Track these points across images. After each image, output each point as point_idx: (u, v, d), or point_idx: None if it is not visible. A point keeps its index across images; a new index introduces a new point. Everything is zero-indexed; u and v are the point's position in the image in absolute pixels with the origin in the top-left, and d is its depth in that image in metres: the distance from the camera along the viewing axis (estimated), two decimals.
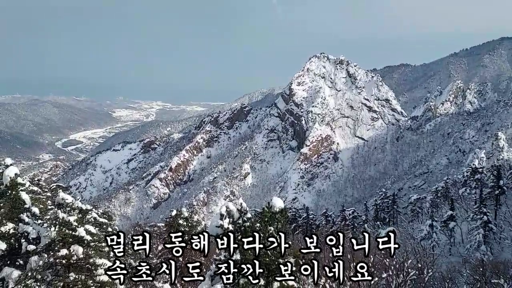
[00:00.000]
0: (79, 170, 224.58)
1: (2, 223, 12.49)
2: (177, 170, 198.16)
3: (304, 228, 49.26)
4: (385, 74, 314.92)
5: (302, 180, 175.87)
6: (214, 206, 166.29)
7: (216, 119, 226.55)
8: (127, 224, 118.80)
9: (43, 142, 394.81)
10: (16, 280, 11.28)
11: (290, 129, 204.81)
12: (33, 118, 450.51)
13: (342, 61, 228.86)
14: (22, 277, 11.22)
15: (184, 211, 26.27)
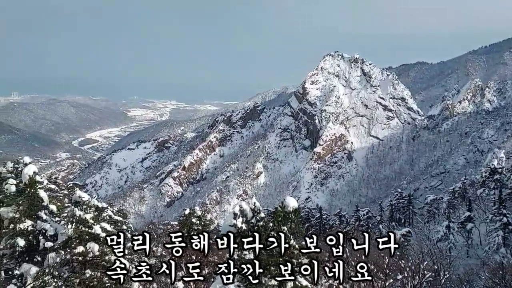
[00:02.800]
0: (95, 168, 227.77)
1: (21, 220, 12.75)
2: (190, 169, 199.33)
3: (317, 228, 49.02)
4: (401, 72, 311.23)
5: (316, 179, 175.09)
6: (226, 205, 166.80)
7: (229, 118, 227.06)
8: (141, 222, 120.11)
9: (60, 141, 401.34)
10: (34, 276, 11.51)
11: (303, 128, 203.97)
12: (50, 118, 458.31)
13: (357, 60, 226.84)
14: (40, 273, 11.43)
15: (197, 210, 26.40)
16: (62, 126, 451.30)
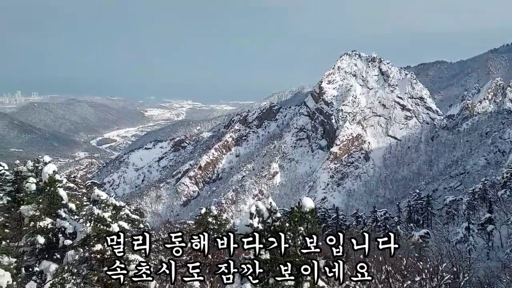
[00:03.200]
0: (113, 167, 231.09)
1: (41, 218, 12.98)
2: (206, 168, 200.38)
3: (333, 228, 48.66)
4: (420, 72, 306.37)
5: (332, 179, 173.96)
6: (242, 204, 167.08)
7: (245, 118, 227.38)
8: (157, 221, 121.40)
9: (79, 140, 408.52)
10: (54, 273, 11.70)
11: (319, 128, 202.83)
12: (70, 117, 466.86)
13: (374, 59, 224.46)
14: (59, 270, 11.62)
15: (213, 209, 26.52)
16: (80, 125, 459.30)
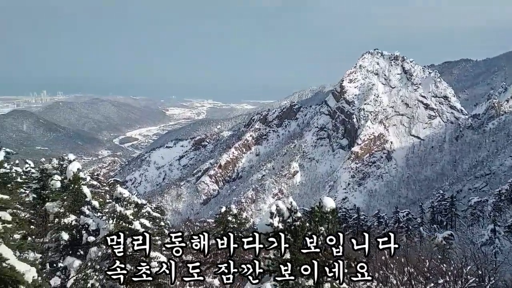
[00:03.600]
0: (135, 166, 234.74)
1: (65, 215, 13.25)
2: (226, 167, 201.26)
3: (354, 229, 48.09)
4: (444, 70, 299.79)
5: (353, 179, 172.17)
6: (262, 203, 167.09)
7: (265, 117, 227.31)
8: (178, 219, 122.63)
9: (102, 139, 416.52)
10: (77, 269, 11.94)
11: (340, 127, 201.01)
12: (93, 116, 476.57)
13: (397, 57, 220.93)
14: (82, 266, 11.85)
15: (233, 208, 26.52)
16: (104, 124, 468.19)
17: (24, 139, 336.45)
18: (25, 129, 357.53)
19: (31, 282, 7.18)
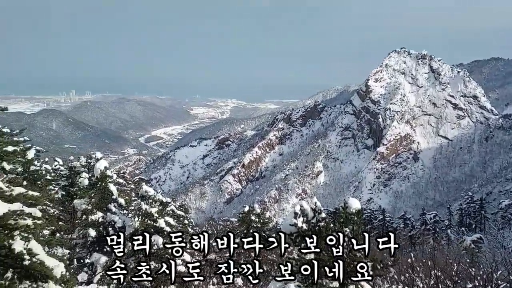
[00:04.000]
0: (159, 164, 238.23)
1: (92, 212, 13.54)
2: (250, 166, 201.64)
3: (379, 230, 47.29)
4: (473, 69, 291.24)
5: (378, 180, 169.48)
6: (285, 203, 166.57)
7: (289, 116, 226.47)
8: (201, 218, 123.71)
9: (128, 137, 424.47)
10: (103, 265, 12.17)
11: (366, 127, 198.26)
12: (120, 115, 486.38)
13: (425, 56, 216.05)
14: (109, 263, 12.07)
15: (257, 208, 26.50)
16: (130, 123, 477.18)
17: (54, 137, 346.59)
18: (55, 128, 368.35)
19: (59, 277, 7.34)
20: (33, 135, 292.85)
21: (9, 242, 6.94)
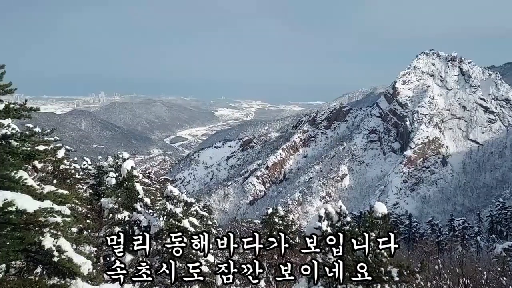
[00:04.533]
0: (184, 165, 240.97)
1: (119, 211, 13.78)
2: (274, 168, 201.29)
3: (406, 236, 46.29)
4: (506, 72, 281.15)
5: (405, 184, 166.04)
6: (309, 206, 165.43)
7: (314, 118, 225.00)
8: (225, 219, 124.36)
9: (154, 138, 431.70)
10: (129, 263, 12.36)
11: (392, 130, 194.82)
12: (146, 116, 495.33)
13: (455, 58, 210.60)
14: (134, 261, 12.25)
15: (280, 210, 26.37)
16: (156, 124, 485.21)
17: (83, 137, 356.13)
18: (84, 128, 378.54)
19: (86, 274, 7.49)
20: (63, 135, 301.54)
21: (39, 239, 7.13)
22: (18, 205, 6.68)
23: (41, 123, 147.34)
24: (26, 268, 7.88)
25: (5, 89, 7.66)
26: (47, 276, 7.54)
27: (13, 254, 6.97)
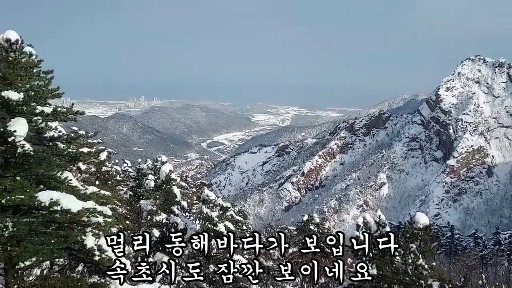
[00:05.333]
0: (220, 169, 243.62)
1: (157, 213, 14.08)
2: (309, 175, 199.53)
3: (447, 248, 44.43)
4: None
5: (447, 195, 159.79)
6: (345, 214, 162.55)
7: (352, 125, 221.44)
8: (259, 224, 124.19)
9: (191, 142, 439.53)
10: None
11: (434, 139, 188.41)
12: (184, 121, 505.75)
13: (502, 64, 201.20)
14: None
15: (316, 217, 26.08)
16: (193, 128, 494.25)
17: (124, 140, 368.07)
18: (125, 131, 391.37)
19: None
20: (105, 137, 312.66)
21: (81, 238, 7.39)
22: (63, 204, 6.95)
23: (85, 126, 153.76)
24: (68, 265, 8.19)
25: (54, 93, 8.03)
26: (88, 275, 7.80)
27: (57, 251, 7.26)
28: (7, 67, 7.36)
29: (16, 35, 7.46)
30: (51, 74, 7.99)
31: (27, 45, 7.64)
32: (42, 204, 6.88)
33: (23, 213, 7.08)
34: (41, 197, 6.91)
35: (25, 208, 7.05)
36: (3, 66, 7.33)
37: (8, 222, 6.69)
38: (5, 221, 6.68)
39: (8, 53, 7.41)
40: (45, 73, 7.93)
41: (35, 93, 7.62)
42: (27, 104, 7.39)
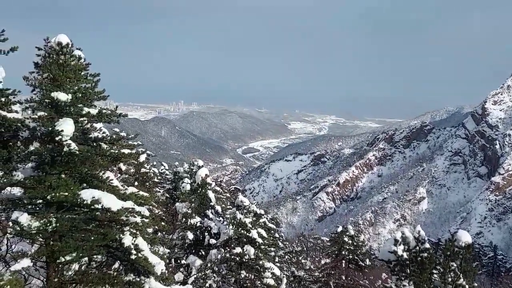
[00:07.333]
0: (254, 176, 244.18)
1: (192, 216, 14.27)
2: (345, 185, 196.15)
3: (489, 269, 42.22)
4: None
5: (491, 213, 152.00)
6: (381, 228, 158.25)
7: (391, 136, 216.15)
8: (292, 233, 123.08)
9: (227, 148, 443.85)
10: (198, 268, 12.69)
11: (479, 154, 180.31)
12: (221, 126, 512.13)
13: None
14: (203, 266, 12.55)
15: (350, 229, 25.52)
16: (229, 134, 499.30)
17: (162, 143, 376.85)
18: (163, 135, 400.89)
19: (159, 274, 7.80)
20: (144, 140, 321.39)
21: (120, 236, 7.59)
22: (104, 203, 7.18)
23: (126, 128, 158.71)
24: (105, 262, 8.42)
25: (99, 95, 8.34)
26: (124, 273, 7.98)
27: (96, 248, 7.49)
28: (57, 69, 7.72)
29: (67, 39, 7.82)
30: (98, 77, 8.32)
31: (76, 49, 8.00)
32: (84, 202, 7.13)
33: (66, 209, 7.37)
34: (83, 195, 7.17)
35: (68, 205, 7.34)
36: (53, 68, 7.69)
37: (52, 217, 6.98)
38: (49, 216, 6.98)
39: (59, 55, 7.78)
40: (92, 75, 8.27)
41: (82, 95, 7.94)
42: (74, 105, 7.71)
